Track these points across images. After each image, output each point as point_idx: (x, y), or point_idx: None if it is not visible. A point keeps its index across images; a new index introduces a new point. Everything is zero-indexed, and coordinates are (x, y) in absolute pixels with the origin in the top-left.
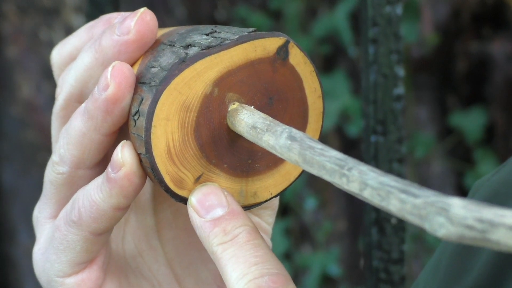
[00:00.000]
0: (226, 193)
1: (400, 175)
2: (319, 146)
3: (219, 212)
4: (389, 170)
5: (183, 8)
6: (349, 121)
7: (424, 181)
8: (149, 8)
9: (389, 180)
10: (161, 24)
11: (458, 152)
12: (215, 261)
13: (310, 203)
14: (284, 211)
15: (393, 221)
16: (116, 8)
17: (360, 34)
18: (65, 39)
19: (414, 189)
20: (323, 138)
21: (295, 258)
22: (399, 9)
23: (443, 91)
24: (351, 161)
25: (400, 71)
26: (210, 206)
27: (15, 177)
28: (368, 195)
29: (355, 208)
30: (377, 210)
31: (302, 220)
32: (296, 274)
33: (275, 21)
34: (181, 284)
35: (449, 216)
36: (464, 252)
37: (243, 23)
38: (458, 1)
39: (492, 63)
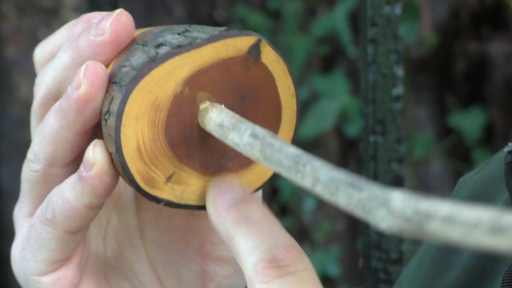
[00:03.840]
0: (241, 182)
1: (399, 175)
2: (279, 143)
3: (233, 197)
4: (388, 170)
5: (182, 9)
6: (348, 121)
7: (423, 181)
8: (149, 8)
9: (339, 175)
10: (160, 25)
11: (457, 152)
12: (228, 242)
13: (309, 203)
14: (283, 211)
15: None
16: (115, 8)
17: (359, 34)
18: (47, 37)
19: (361, 183)
20: (323, 138)
21: None
22: (398, 9)
23: (442, 91)
24: (306, 157)
25: (399, 71)
26: (225, 192)
27: (13, 177)
28: (320, 191)
29: None
30: None
31: (301, 220)
32: None
33: (274, 21)
34: (163, 284)
35: (390, 209)
36: (445, 252)
37: (242, 23)
38: (457, 1)
39: (491, 63)
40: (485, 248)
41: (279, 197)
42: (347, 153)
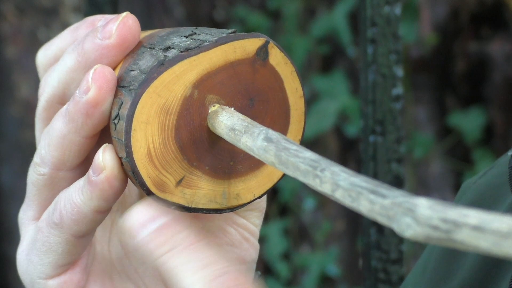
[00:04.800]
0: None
1: (398, 175)
2: (294, 147)
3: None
4: (387, 170)
5: (181, 8)
6: (348, 121)
7: (423, 181)
8: (148, 8)
9: (360, 180)
10: (160, 25)
11: (457, 152)
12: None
13: (309, 203)
14: (283, 211)
15: None
16: (115, 8)
17: (359, 34)
18: (50, 40)
19: (383, 189)
20: (322, 138)
21: (293, 258)
22: (398, 9)
23: (442, 91)
24: (324, 162)
25: (399, 71)
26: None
27: (13, 177)
28: (340, 196)
29: None
30: None
31: (301, 220)
32: (295, 274)
33: (274, 21)
34: (167, 285)
35: (415, 216)
36: (450, 256)
37: (242, 23)
38: (457, 1)
39: (491, 63)
40: None
41: (279, 197)
42: (347, 153)
